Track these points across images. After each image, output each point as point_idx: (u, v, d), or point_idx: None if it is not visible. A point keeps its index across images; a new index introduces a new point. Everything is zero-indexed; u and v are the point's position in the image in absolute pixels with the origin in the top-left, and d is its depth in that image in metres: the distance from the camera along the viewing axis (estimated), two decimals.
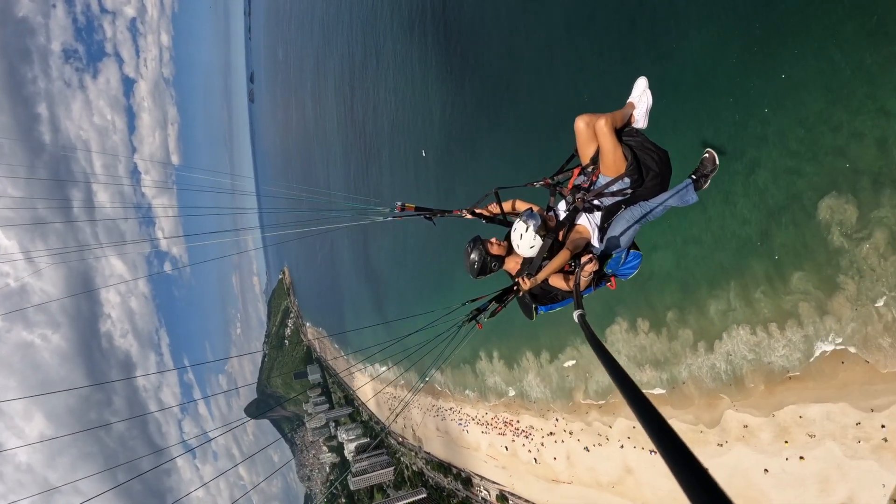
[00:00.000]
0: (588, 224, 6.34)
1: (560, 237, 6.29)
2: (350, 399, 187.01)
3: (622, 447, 46.88)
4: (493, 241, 6.49)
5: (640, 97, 6.57)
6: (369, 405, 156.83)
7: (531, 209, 6.41)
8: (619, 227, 6.43)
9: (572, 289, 6.32)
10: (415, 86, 78.84)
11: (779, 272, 31.11)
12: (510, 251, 6.52)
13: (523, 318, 7.46)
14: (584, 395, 51.31)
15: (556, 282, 6.55)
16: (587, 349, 49.10)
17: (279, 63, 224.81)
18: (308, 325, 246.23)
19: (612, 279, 6.84)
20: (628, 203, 6.36)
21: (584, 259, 6.04)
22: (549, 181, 6.87)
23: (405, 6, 79.40)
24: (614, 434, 47.70)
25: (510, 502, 71.07)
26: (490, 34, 55.58)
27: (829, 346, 29.60)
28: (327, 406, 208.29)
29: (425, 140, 77.33)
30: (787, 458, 32.50)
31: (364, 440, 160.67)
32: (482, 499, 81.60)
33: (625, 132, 6.29)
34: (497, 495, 75.14)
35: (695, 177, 6.72)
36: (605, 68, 39.29)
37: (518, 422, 65.53)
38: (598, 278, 6.71)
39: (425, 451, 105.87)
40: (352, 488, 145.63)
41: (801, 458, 31.93)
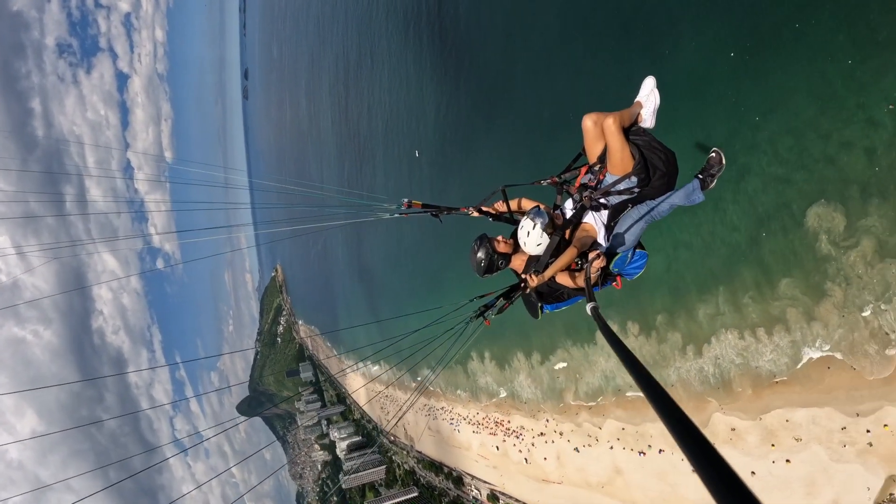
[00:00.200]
0: (595, 222, 6.36)
1: (567, 235, 6.27)
2: (342, 397, 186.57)
3: (612, 448, 47.17)
4: (500, 238, 6.49)
5: (648, 97, 6.60)
6: (361, 404, 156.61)
7: (538, 207, 6.38)
8: (625, 225, 6.46)
9: (579, 286, 6.43)
10: (409, 86, 78.87)
11: (767, 278, 31.49)
12: (516, 249, 6.54)
13: (516, 319, 7.48)
14: (575, 397, 51.61)
15: (563, 279, 6.54)
16: (578, 351, 49.44)
17: (274, 60, 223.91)
18: (301, 322, 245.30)
19: (618, 278, 6.82)
20: (635, 202, 6.37)
21: (591, 255, 6.04)
22: (556, 179, 6.83)
23: (400, 6, 79.37)
24: (604, 435, 47.99)
25: (501, 502, 71.17)
26: (485, 36, 55.71)
27: (816, 353, 30.01)
28: (319, 404, 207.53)
29: (419, 141, 77.43)
30: (773, 461, 32.87)
31: (356, 438, 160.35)
32: (473, 498, 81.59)
33: (632, 131, 6.29)
34: (488, 495, 75.20)
35: (701, 176, 6.60)
36: (600, 72, 39.54)
37: (509, 422, 65.83)
38: (604, 277, 6.67)
39: (417, 450, 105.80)
40: (343, 487, 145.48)
41: (788, 461, 32.34)
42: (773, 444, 33.10)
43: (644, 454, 43.59)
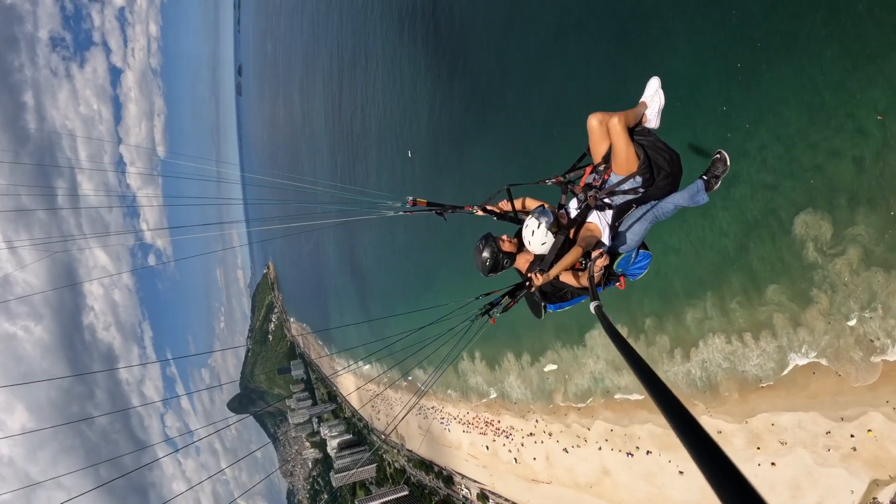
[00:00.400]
0: (599, 222, 6.35)
1: (571, 235, 6.31)
2: (333, 395, 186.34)
3: (600, 449, 47.50)
4: (505, 238, 6.50)
5: (653, 97, 6.67)
6: (352, 402, 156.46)
7: (543, 206, 6.36)
8: (629, 226, 6.47)
9: (583, 286, 6.48)
10: (403, 86, 78.83)
11: (754, 284, 31.80)
12: (520, 249, 6.55)
13: (506, 320, 7.34)
14: (564, 398, 51.91)
15: (567, 279, 6.56)
16: (567, 353, 49.70)
17: (268, 57, 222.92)
18: (292, 320, 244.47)
19: (622, 279, 6.87)
20: (639, 202, 6.38)
21: (595, 254, 6.07)
22: (561, 179, 6.86)
23: (395, 5, 79.26)
24: (592, 436, 48.31)
25: (491, 501, 71.41)
26: (480, 37, 55.75)
27: (802, 359, 30.36)
28: (310, 402, 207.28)
29: (412, 140, 77.45)
30: (759, 464, 33.07)
31: (347, 437, 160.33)
32: (463, 497, 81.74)
33: (636, 131, 6.32)
34: (478, 494, 75.41)
35: (706, 177, 6.65)
36: (593, 76, 39.73)
37: (499, 422, 66.11)
38: (608, 277, 6.70)
39: (407, 449, 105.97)
40: (334, 485, 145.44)
41: (773, 464, 32.70)
42: (758, 448, 33.42)
43: (632, 455, 43.89)
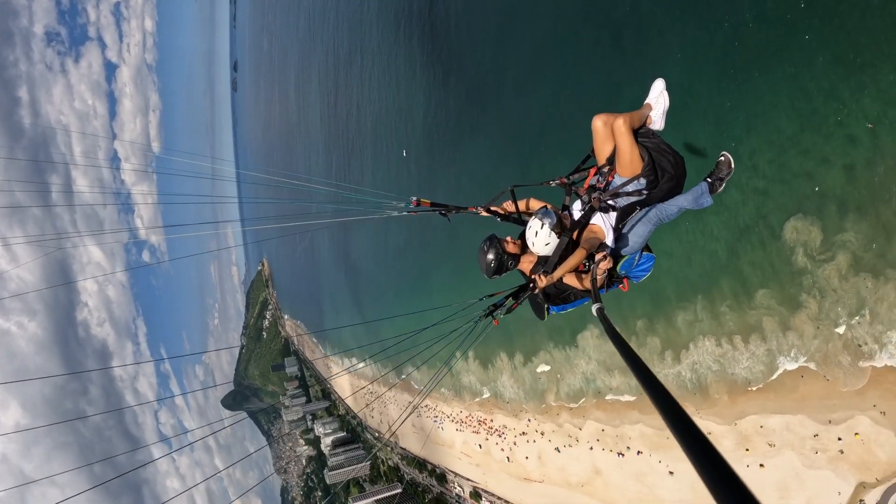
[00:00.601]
0: (603, 224, 6.32)
1: (575, 237, 6.28)
2: (327, 393, 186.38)
3: (591, 449, 47.88)
4: (509, 239, 6.48)
5: (658, 98, 6.64)
6: (346, 400, 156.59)
7: (546, 207, 6.38)
8: (633, 228, 6.44)
9: (586, 288, 6.46)
10: (399, 86, 78.84)
11: (744, 288, 32.12)
12: (524, 250, 6.55)
13: (500, 319, 7.43)
14: (556, 398, 52.27)
15: (571, 281, 6.55)
16: (560, 353, 50.00)
17: (263, 54, 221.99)
18: (286, 317, 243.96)
19: (625, 281, 6.82)
20: (643, 204, 6.35)
21: (598, 256, 6.01)
22: (565, 180, 6.84)
23: (392, 5, 79.16)
24: (584, 436, 48.69)
25: (484, 499, 71.76)
26: (475, 39, 55.81)
27: (791, 363, 30.72)
28: (304, 399, 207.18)
29: (407, 140, 77.49)
30: (747, 466, 33.38)
31: (341, 434, 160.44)
32: (456, 495, 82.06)
33: (641, 133, 6.30)
34: (471, 492, 75.72)
35: (710, 180, 6.66)
36: (587, 80, 40.01)
37: (492, 421, 66.48)
38: (611, 279, 6.70)
39: (401, 447, 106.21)
40: (328, 482, 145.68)
41: (762, 465, 33.02)
42: (747, 449, 33.76)
43: (623, 455, 44.24)
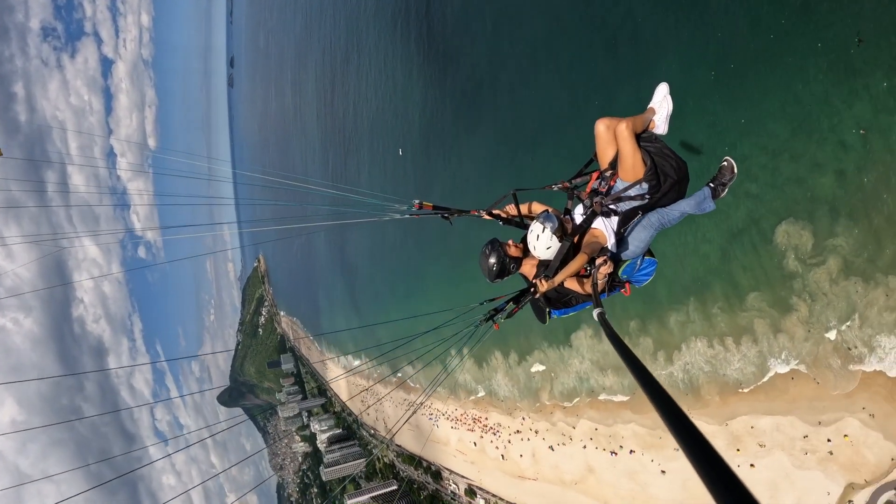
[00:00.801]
0: (605, 228, 6.29)
1: (576, 241, 6.23)
2: (323, 390, 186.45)
3: (585, 447, 48.38)
4: (510, 243, 6.45)
5: (661, 103, 6.66)
6: (342, 397, 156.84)
7: (548, 211, 6.36)
8: (635, 232, 6.42)
9: (587, 292, 6.45)
10: (396, 85, 78.85)
11: (736, 290, 32.56)
12: (526, 254, 6.49)
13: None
14: (550, 397, 52.72)
15: (572, 285, 6.51)
16: (554, 353, 50.39)
17: (260, 50, 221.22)
18: (282, 314, 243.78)
19: (627, 285, 6.80)
20: (645, 209, 6.33)
21: (598, 261, 5.98)
22: (567, 184, 6.81)
23: (389, 5, 79.08)
24: (577, 435, 49.17)
25: (478, 496, 72.19)
26: (473, 41, 55.90)
27: (782, 365, 31.19)
28: (300, 396, 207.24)
29: (403, 139, 77.62)
30: (738, 465, 33.69)
31: (337, 431, 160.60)
32: (451, 492, 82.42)
33: (643, 137, 6.31)
34: (466, 489, 76.15)
35: (713, 185, 6.61)
36: (581, 84, 40.23)
37: (486, 419, 66.94)
38: (613, 284, 6.67)
39: (396, 444, 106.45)
40: (324, 479, 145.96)
41: (752, 465, 33.49)
42: (738, 449, 34.20)
43: (615, 454, 44.73)
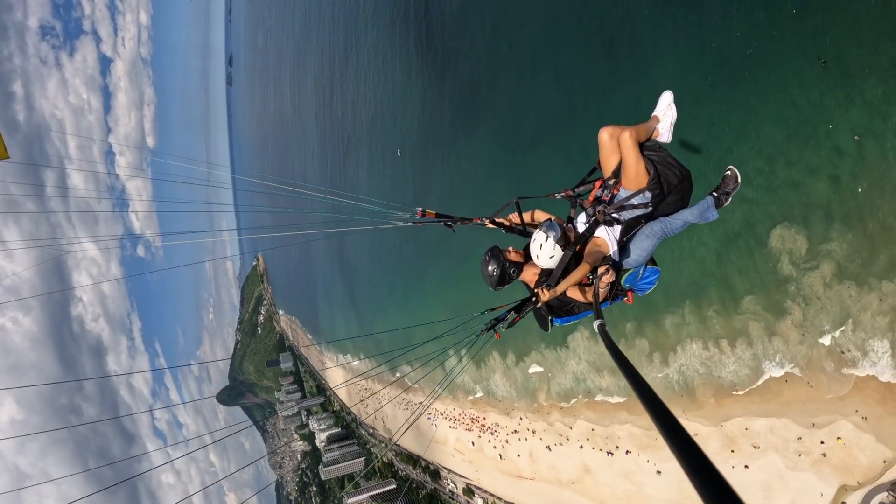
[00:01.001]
0: (607, 237, 6.25)
1: (579, 249, 6.22)
2: (322, 389, 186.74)
3: (581, 448, 48.60)
4: (511, 249, 6.46)
5: (665, 111, 6.70)
6: (341, 396, 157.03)
7: (551, 220, 6.30)
8: (638, 241, 6.41)
9: (589, 301, 6.43)
10: (394, 86, 78.86)
11: (731, 293, 32.74)
12: (527, 261, 6.50)
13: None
14: (547, 397, 52.97)
15: (574, 294, 6.52)
16: (551, 353, 50.65)
17: (259, 49, 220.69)
18: (281, 313, 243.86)
19: (630, 294, 6.82)
20: (648, 218, 6.32)
21: (600, 270, 6.03)
22: (571, 193, 6.79)
23: (388, 5, 79.05)
24: (574, 435, 49.40)
25: (476, 496, 72.48)
26: (472, 42, 55.95)
27: (776, 368, 31.38)
28: (299, 395, 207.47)
29: (402, 140, 77.72)
30: (732, 467, 34.02)
31: (336, 430, 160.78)
32: (450, 491, 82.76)
33: (647, 146, 6.28)
34: (464, 488, 76.51)
35: (716, 194, 6.58)
36: (579, 87, 40.44)
37: (484, 419, 67.22)
38: (615, 292, 6.68)
39: (395, 444, 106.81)
40: (322, 478, 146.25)
41: (746, 466, 33.71)
42: (732, 451, 34.46)
43: (612, 454, 44.98)
